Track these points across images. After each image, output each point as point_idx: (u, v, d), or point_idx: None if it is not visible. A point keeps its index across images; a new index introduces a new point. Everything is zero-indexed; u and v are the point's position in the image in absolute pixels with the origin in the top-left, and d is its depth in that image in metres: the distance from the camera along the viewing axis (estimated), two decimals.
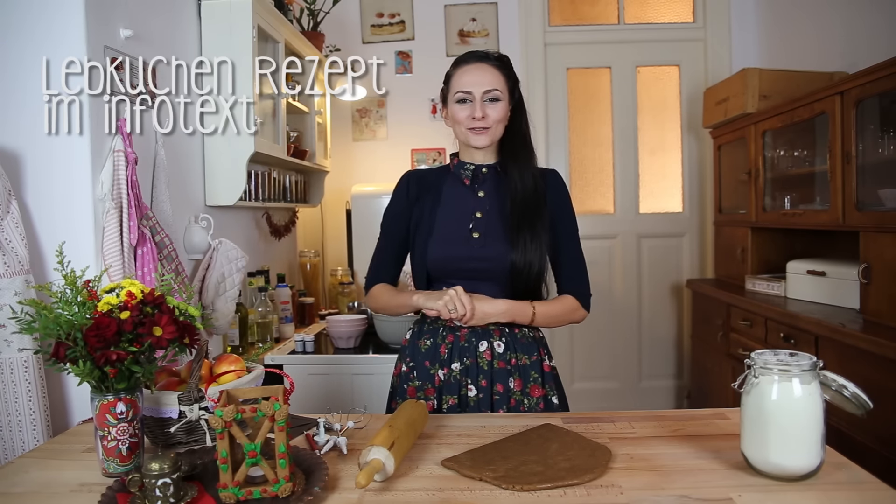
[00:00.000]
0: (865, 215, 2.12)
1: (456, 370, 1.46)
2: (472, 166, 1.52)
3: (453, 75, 1.50)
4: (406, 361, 1.54)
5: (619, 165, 3.75)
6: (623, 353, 3.77)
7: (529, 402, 1.47)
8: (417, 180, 1.57)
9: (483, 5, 3.61)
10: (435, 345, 1.50)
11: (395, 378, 1.59)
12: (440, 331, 1.51)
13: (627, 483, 0.99)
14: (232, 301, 2.21)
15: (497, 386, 1.45)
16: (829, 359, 2.04)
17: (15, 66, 1.66)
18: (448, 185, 1.55)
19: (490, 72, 1.45)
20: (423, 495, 0.97)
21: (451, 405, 1.45)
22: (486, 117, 1.43)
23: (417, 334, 1.55)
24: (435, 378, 1.48)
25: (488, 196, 1.51)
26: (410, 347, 1.55)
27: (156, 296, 1.10)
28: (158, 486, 0.92)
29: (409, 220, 1.55)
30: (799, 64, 2.96)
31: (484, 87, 1.43)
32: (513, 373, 1.47)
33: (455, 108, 1.46)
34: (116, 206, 1.72)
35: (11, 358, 1.54)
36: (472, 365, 1.46)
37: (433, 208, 1.53)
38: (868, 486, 0.96)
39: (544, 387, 1.49)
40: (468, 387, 1.46)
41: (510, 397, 1.46)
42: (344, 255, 3.62)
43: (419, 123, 3.67)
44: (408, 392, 1.51)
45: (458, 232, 1.49)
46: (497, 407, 1.45)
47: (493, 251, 1.45)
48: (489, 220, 1.48)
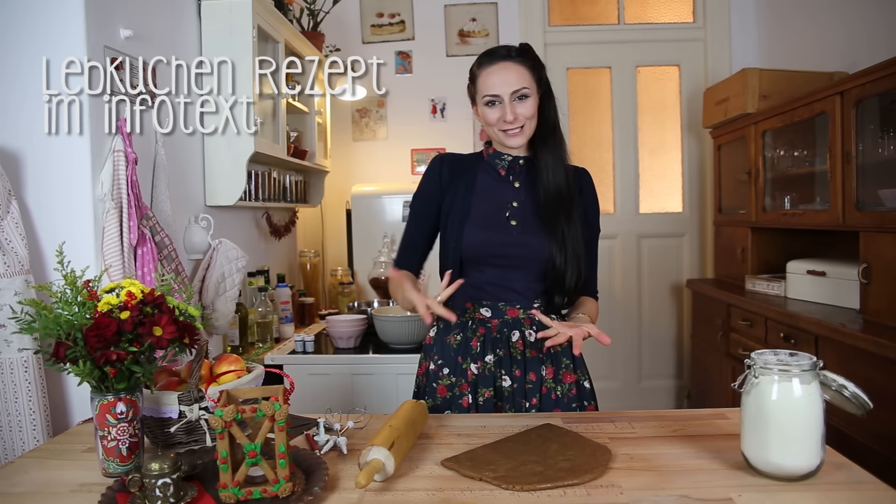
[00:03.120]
0: (865, 215, 2.12)
1: (490, 362, 1.45)
2: (508, 157, 1.50)
3: (479, 76, 1.46)
4: (434, 359, 1.51)
5: (619, 165, 3.75)
6: (623, 353, 3.76)
7: (562, 388, 1.46)
8: (451, 163, 1.54)
9: (483, 5, 3.61)
10: (466, 339, 1.48)
11: (419, 378, 1.56)
12: (469, 324, 1.49)
13: (627, 483, 0.99)
14: (232, 301, 2.21)
15: (530, 375, 1.45)
16: (829, 359, 2.04)
17: (15, 66, 1.66)
18: (482, 172, 1.53)
19: (515, 70, 1.42)
20: (423, 495, 0.97)
21: (487, 398, 1.44)
22: (517, 118, 1.41)
23: (444, 331, 1.53)
24: (468, 372, 1.47)
25: (523, 187, 1.49)
26: (438, 344, 1.53)
27: (156, 296, 1.10)
28: (158, 486, 0.92)
29: (440, 202, 1.51)
30: (799, 64, 2.96)
31: (511, 87, 1.41)
32: (545, 360, 1.46)
33: (485, 111, 1.44)
34: (116, 206, 1.72)
35: (11, 358, 1.54)
36: (506, 356, 1.45)
37: (467, 193, 1.50)
38: (868, 486, 0.96)
39: (576, 372, 1.49)
40: (503, 378, 1.45)
41: (542, 385, 1.45)
42: (344, 255, 3.62)
43: (419, 123, 3.67)
44: (438, 391, 1.48)
45: (495, 218, 1.47)
46: (530, 396, 1.44)
47: (532, 239, 1.44)
48: (525, 211, 1.46)
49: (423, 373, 1.56)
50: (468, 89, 1.51)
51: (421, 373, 1.57)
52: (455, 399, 1.47)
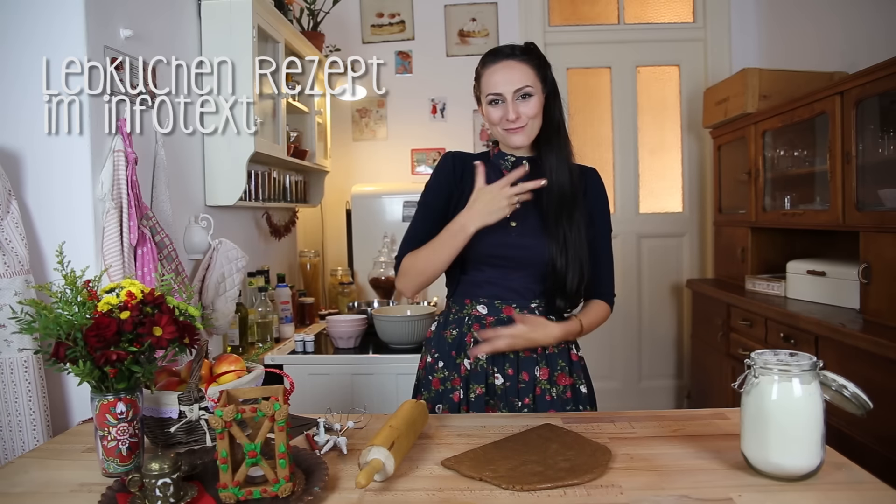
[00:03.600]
0: (865, 215, 2.12)
1: (482, 359, 1.46)
2: (512, 158, 1.51)
3: (482, 75, 1.46)
4: (431, 353, 1.54)
5: (619, 165, 3.75)
6: (623, 353, 3.77)
7: (557, 390, 1.46)
8: (461, 160, 1.54)
9: (483, 5, 3.61)
10: (461, 334, 1.50)
11: (420, 371, 1.59)
12: (465, 320, 1.50)
13: (627, 483, 0.99)
14: (232, 301, 2.21)
15: (523, 374, 1.45)
16: (829, 359, 2.05)
17: (15, 66, 1.66)
18: (488, 172, 1.51)
19: (518, 68, 1.42)
20: (423, 495, 0.97)
21: (479, 394, 1.45)
22: (520, 116, 1.41)
23: (443, 325, 1.55)
24: (461, 367, 1.48)
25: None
26: (436, 339, 1.55)
27: (156, 296, 1.10)
28: (158, 486, 0.92)
29: (450, 195, 1.51)
30: (799, 64, 2.96)
31: (514, 85, 1.40)
32: (539, 361, 1.46)
33: (489, 110, 1.45)
34: (116, 206, 1.72)
35: (11, 358, 1.54)
36: (499, 354, 1.45)
37: (472, 192, 1.47)
38: (868, 486, 0.96)
39: (572, 375, 1.48)
40: (495, 375, 1.45)
41: (536, 386, 1.45)
42: (344, 255, 3.62)
43: (419, 123, 3.67)
44: (433, 384, 1.50)
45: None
46: (522, 395, 1.44)
47: (530, 241, 1.45)
48: (527, 211, 1.46)
49: (422, 366, 1.58)
50: (474, 89, 1.51)
51: (421, 366, 1.58)
52: (446, 393, 1.48)
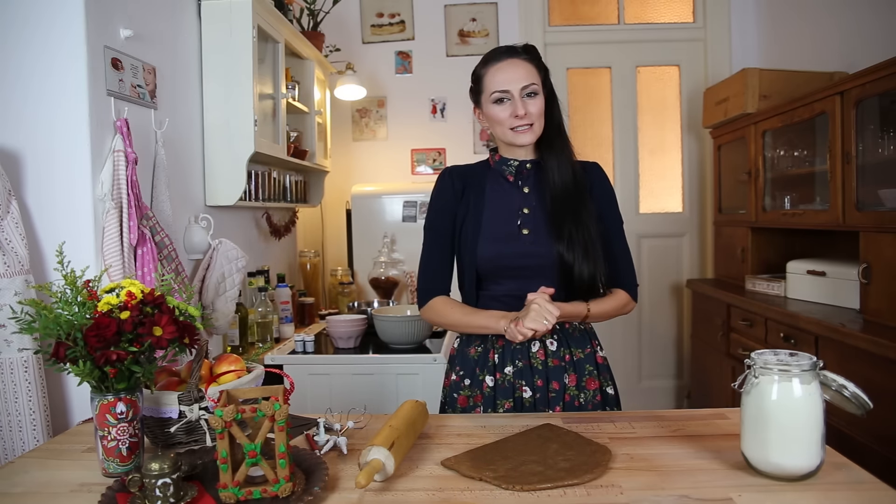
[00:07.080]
0: (865, 215, 2.12)
1: (509, 374, 1.44)
2: (515, 162, 1.48)
3: (485, 75, 1.44)
4: (456, 370, 1.52)
5: (619, 165, 3.75)
6: (623, 353, 3.76)
7: (586, 395, 1.45)
8: (460, 175, 1.52)
9: (483, 5, 3.61)
10: (485, 350, 1.48)
11: (445, 389, 1.56)
12: (489, 336, 1.48)
13: (627, 483, 0.99)
14: (232, 301, 2.21)
15: (553, 384, 1.44)
16: (829, 359, 2.05)
17: (15, 66, 1.66)
18: (490, 181, 1.51)
19: (523, 66, 1.41)
20: (423, 495, 0.97)
21: (507, 409, 1.43)
22: (528, 114, 1.40)
23: (466, 342, 1.52)
24: (483, 384, 1.46)
25: (533, 191, 1.48)
26: (460, 356, 1.53)
27: (156, 296, 1.10)
28: (158, 486, 0.92)
29: (455, 215, 1.49)
30: (799, 64, 2.97)
31: (521, 83, 1.39)
32: (567, 369, 1.45)
33: (493, 109, 1.42)
34: (116, 206, 1.72)
35: (11, 358, 1.54)
36: (526, 367, 1.44)
37: (478, 205, 1.48)
38: (868, 486, 0.96)
39: (599, 378, 1.47)
40: (522, 389, 1.44)
41: (565, 393, 1.44)
42: (344, 255, 3.62)
43: (419, 123, 3.67)
44: (458, 401, 1.49)
45: (507, 229, 1.45)
46: (553, 405, 1.43)
47: (543, 247, 1.42)
48: (536, 216, 1.45)
49: (448, 384, 1.55)
50: (471, 93, 1.50)
51: (447, 384, 1.56)
52: (470, 410, 1.47)
